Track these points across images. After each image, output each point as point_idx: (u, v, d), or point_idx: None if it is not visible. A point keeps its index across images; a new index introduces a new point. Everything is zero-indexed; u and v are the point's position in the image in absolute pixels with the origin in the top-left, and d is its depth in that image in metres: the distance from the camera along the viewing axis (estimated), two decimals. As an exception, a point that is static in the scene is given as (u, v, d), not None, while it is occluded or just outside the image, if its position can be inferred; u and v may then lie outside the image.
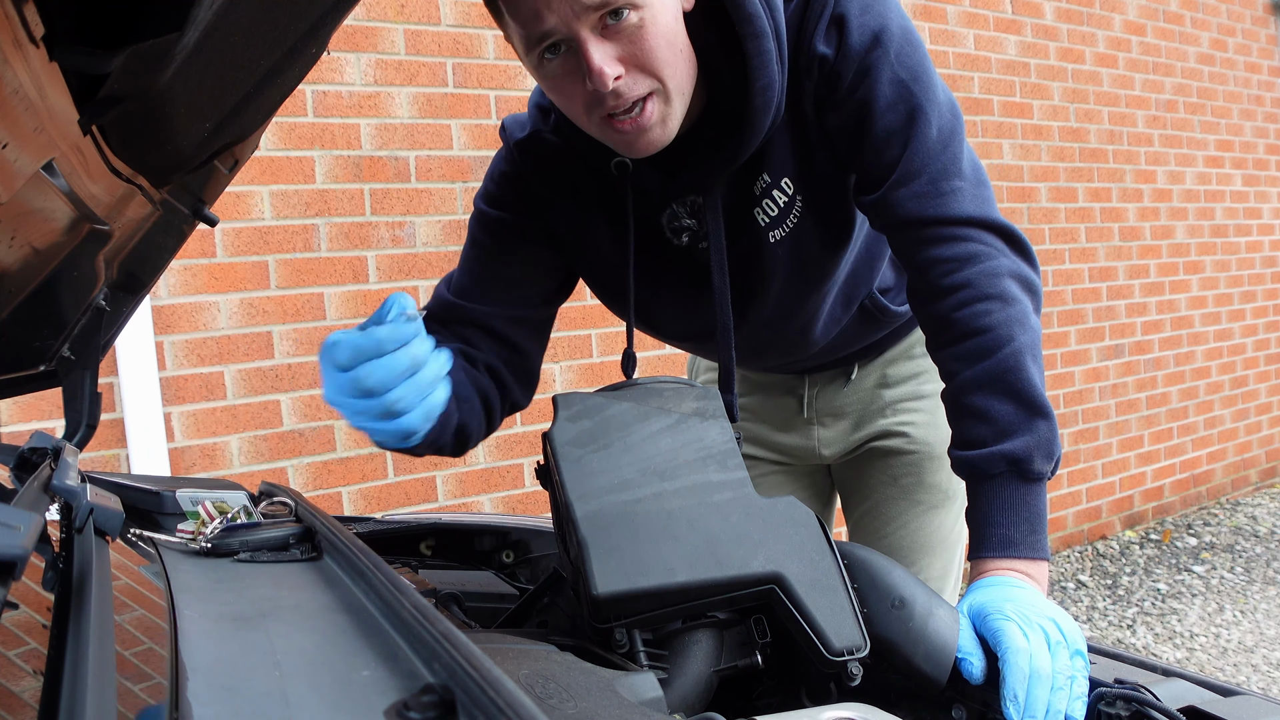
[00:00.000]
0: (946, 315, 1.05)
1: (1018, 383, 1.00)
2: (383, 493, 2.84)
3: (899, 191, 1.06)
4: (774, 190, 1.13)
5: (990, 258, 1.04)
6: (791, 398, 1.50)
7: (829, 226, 1.18)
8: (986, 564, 0.99)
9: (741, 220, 1.15)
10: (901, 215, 1.07)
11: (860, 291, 1.31)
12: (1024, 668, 0.81)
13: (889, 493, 1.47)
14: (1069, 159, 4.46)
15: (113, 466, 2.47)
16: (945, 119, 1.06)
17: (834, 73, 1.05)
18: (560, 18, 0.91)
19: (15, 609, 0.63)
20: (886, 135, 1.06)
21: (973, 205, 1.05)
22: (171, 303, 2.53)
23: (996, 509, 1.00)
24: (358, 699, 0.51)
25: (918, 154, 1.05)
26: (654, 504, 0.86)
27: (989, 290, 1.03)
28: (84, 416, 1.11)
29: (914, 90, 1.05)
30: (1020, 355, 1.01)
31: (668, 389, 0.98)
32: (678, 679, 0.82)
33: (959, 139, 1.07)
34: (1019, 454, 0.99)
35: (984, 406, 1.01)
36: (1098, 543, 4.57)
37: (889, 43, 1.04)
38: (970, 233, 1.05)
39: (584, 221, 1.19)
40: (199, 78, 0.70)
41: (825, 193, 1.14)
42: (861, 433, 1.47)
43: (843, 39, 1.04)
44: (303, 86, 2.68)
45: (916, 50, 1.07)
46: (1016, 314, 1.02)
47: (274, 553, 0.87)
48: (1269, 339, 5.50)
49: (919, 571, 1.45)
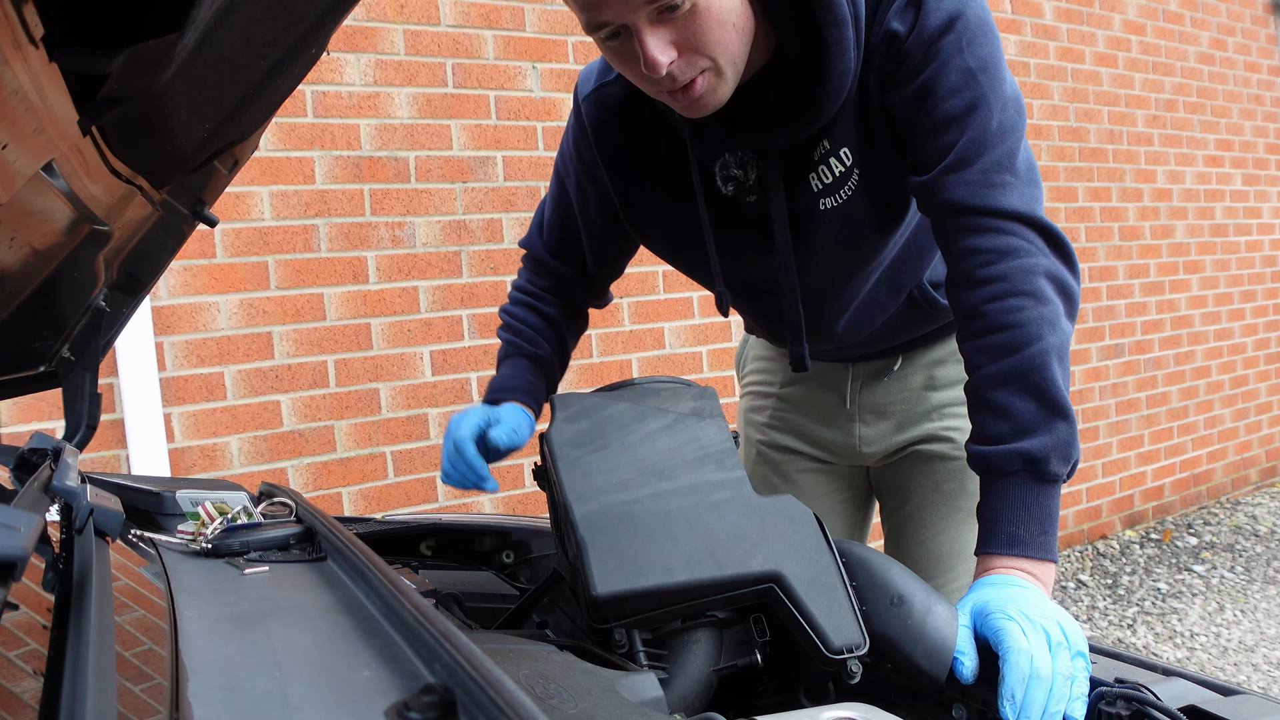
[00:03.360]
0: (977, 306, 1.04)
1: (1041, 382, 1.00)
2: (383, 493, 2.84)
3: (950, 176, 1.06)
4: (831, 158, 1.14)
5: (1029, 254, 1.03)
6: (834, 390, 1.49)
7: (883, 205, 1.18)
8: (992, 561, 0.99)
9: (794, 183, 1.17)
10: (949, 200, 1.06)
11: (909, 280, 1.31)
12: (1024, 668, 0.81)
13: (930, 499, 1.45)
14: (1069, 158, 4.46)
15: (113, 467, 2.47)
16: (1008, 114, 1.06)
17: (904, 52, 1.06)
18: (617, 11, 0.97)
19: (15, 610, 0.63)
20: (946, 119, 1.06)
21: (1020, 201, 1.05)
22: (171, 303, 2.53)
23: (1008, 506, 0.99)
24: (358, 699, 0.51)
25: (975, 142, 1.05)
26: (652, 504, 0.86)
27: (1023, 287, 1.02)
28: (84, 417, 1.11)
29: (980, 80, 1.05)
30: (1046, 355, 1.00)
31: (665, 389, 0.98)
32: (677, 679, 0.82)
33: (1018, 136, 1.07)
34: (1036, 453, 0.98)
35: (1005, 403, 1.01)
36: (1098, 542, 4.57)
37: (963, 29, 1.05)
38: (1013, 227, 1.04)
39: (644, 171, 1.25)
40: (199, 78, 0.70)
41: (883, 170, 1.15)
42: (905, 435, 1.45)
43: (918, 18, 1.05)
44: (303, 86, 2.68)
45: (990, 41, 1.07)
46: (1048, 314, 1.02)
47: (275, 553, 0.87)
48: (1269, 338, 5.50)
49: (954, 579, 1.43)
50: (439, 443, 2.92)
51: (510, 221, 3.03)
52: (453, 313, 2.94)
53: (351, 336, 2.78)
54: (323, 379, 2.74)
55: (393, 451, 2.85)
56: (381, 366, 2.83)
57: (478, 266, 2.98)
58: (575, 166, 1.32)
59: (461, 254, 2.96)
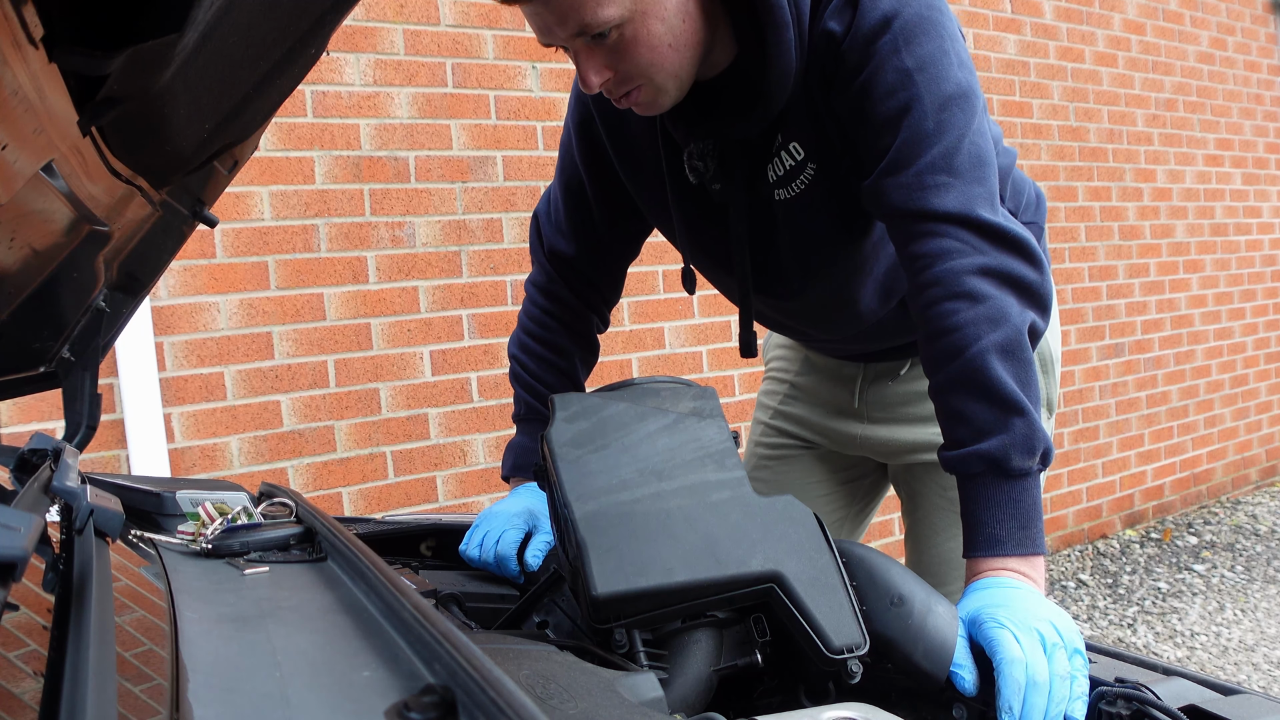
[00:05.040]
0: (919, 314, 1.05)
1: (986, 382, 0.99)
2: (383, 493, 2.84)
3: (887, 180, 1.06)
4: (783, 151, 1.17)
5: (961, 254, 1.02)
6: (844, 386, 1.51)
7: (843, 201, 1.17)
8: (978, 564, 0.99)
9: (753, 174, 1.20)
10: (887, 205, 1.07)
11: (900, 287, 1.31)
12: (1019, 679, 0.81)
13: (938, 504, 1.47)
14: (1069, 158, 4.46)
15: (113, 467, 2.47)
16: (948, 111, 1.04)
17: (840, 52, 1.06)
18: (555, 36, 1.04)
19: (15, 610, 0.63)
20: (882, 122, 1.05)
21: (955, 201, 1.03)
22: (171, 303, 2.53)
23: (981, 508, 1.00)
24: (358, 699, 0.51)
25: (908, 144, 1.04)
26: (652, 504, 0.86)
27: (955, 288, 1.01)
28: (84, 418, 1.11)
29: (917, 80, 1.03)
30: (985, 355, 0.99)
31: (664, 389, 0.98)
32: (678, 679, 0.82)
33: (958, 133, 1.04)
34: (995, 453, 0.98)
35: (959, 408, 1.01)
36: (1098, 542, 4.57)
37: (899, 29, 1.03)
38: (945, 229, 1.03)
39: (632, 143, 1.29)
40: (199, 78, 0.70)
41: (840, 167, 1.15)
42: (911, 438, 1.47)
43: (854, 18, 1.04)
44: (302, 86, 2.68)
45: (932, 38, 1.04)
46: (987, 311, 1.00)
47: (275, 553, 0.87)
48: (1269, 337, 5.50)
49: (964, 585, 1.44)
50: (439, 442, 2.92)
51: (510, 221, 3.03)
52: (453, 313, 2.94)
53: (351, 336, 2.78)
54: (323, 379, 2.74)
55: (393, 451, 2.85)
56: (381, 366, 2.83)
57: (478, 266, 2.98)
58: (575, 122, 1.34)
59: (461, 254, 2.96)
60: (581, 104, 1.32)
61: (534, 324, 1.44)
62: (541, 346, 1.42)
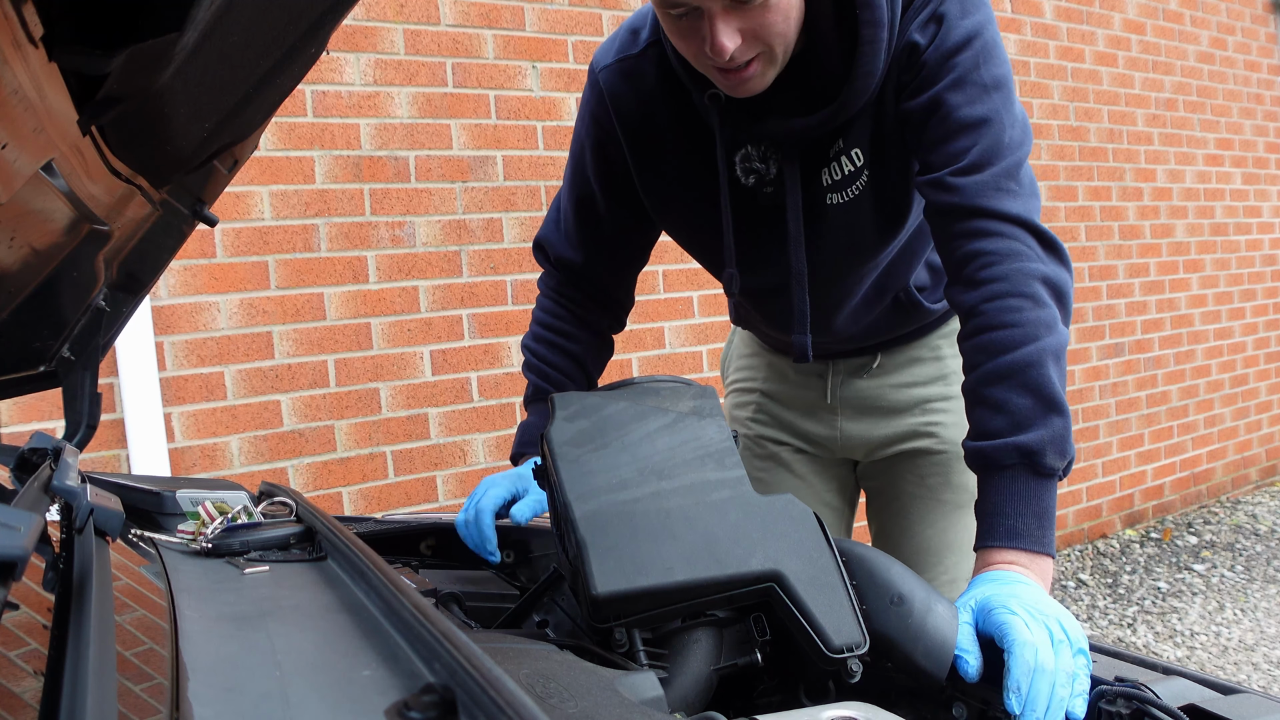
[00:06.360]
0: (977, 306, 1.08)
1: (1038, 378, 1.02)
2: (383, 493, 2.84)
3: (960, 178, 1.10)
4: (843, 156, 1.20)
5: (1028, 259, 1.07)
6: (816, 385, 1.52)
7: (886, 208, 1.23)
8: (992, 555, 1.00)
9: (808, 176, 1.21)
10: (956, 200, 1.10)
11: (894, 284, 1.36)
12: (1029, 660, 0.82)
13: (916, 493, 1.48)
14: (1069, 158, 4.46)
15: (113, 467, 2.47)
16: (1017, 130, 1.13)
17: (921, 62, 1.11)
18: None
19: (16, 609, 0.63)
20: (961, 126, 1.10)
21: (1022, 208, 1.09)
22: (171, 303, 2.53)
23: (1006, 500, 1.01)
24: (358, 699, 0.51)
25: (988, 150, 1.10)
26: (652, 503, 0.86)
27: (1022, 289, 1.05)
28: (84, 417, 1.11)
29: (995, 96, 1.11)
30: (1043, 353, 1.03)
31: (665, 388, 0.98)
32: (678, 678, 0.82)
33: (1025, 152, 1.13)
34: (1033, 446, 1.00)
35: (1002, 399, 1.03)
36: (1098, 541, 4.57)
37: (979, 48, 1.11)
38: (1014, 231, 1.08)
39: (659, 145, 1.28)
40: (199, 78, 0.70)
41: (890, 175, 1.20)
42: (888, 431, 1.48)
43: (939, 33, 1.11)
44: (302, 86, 2.68)
45: (1003, 64, 1.13)
46: (1045, 317, 1.05)
47: (275, 553, 0.87)
48: (1269, 337, 5.50)
49: (943, 571, 1.46)
50: (439, 442, 2.92)
51: (510, 221, 3.03)
52: (453, 312, 2.94)
53: (351, 336, 2.78)
54: (323, 379, 2.74)
55: (393, 451, 2.85)
56: (381, 366, 2.83)
57: (478, 266, 2.98)
58: (591, 141, 1.33)
59: (461, 254, 2.96)
60: (599, 125, 1.31)
61: (545, 314, 1.44)
62: (551, 333, 1.42)
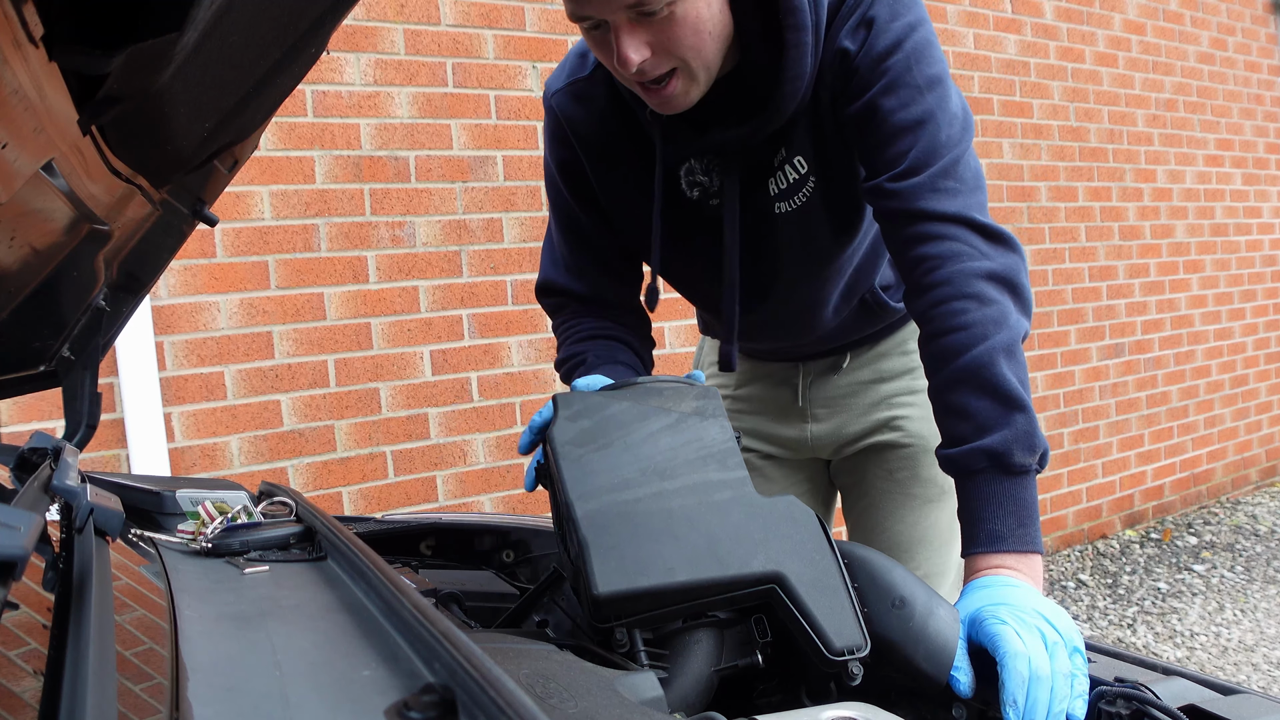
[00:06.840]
0: (925, 312, 1.09)
1: (992, 379, 1.02)
2: (383, 493, 2.84)
3: (898, 183, 1.11)
4: (787, 165, 1.20)
5: (969, 258, 1.07)
6: (786, 387, 1.54)
7: (839, 212, 1.24)
8: (978, 561, 1.00)
9: (754, 187, 1.22)
10: (896, 205, 1.11)
11: (862, 286, 1.38)
12: (1022, 672, 0.81)
13: (885, 487, 1.49)
14: (1069, 158, 4.46)
15: (113, 467, 2.47)
16: (954, 128, 1.12)
17: (853, 68, 1.12)
18: (598, 8, 1.03)
19: (15, 609, 0.63)
20: (897, 130, 1.11)
21: (960, 205, 1.09)
22: (171, 303, 2.53)
23: (982, 504, 1.01)
24: (358, 699, 0.51)
25: (925, 152, 1.10)
26: (654, 503, 0.86)
27: (964, 290, 1.06)
28: (84, 417, 1.11)
29: (928, 97, 1.11)
30: (993, 353, 1.03)
31: (667, 388, 0.98)
32: (678, 678, 0.82)
33: (963, 147, 1.12)
34: (998, 448, 1.01)
35: (962, 403, 1.04)
36: (1098, 542, 4.57)
37: (910, 49, 1.10)
38: (954, 230, 1.08)
39: (615, 162, 1.28)
40: (199, 78, 0.70)
41: (837, 179, 1.21)
42: (857, 428, 1.50)
43: (868, 38, 1.11)
44: (302, 86, 2.68)
45: (936, 62, 1.13)
46: (993, 314, 1.05)
47: (275, 553, 0.87)
48: (1269, 338, 5.50)
49: (916, 566, 1.46)
50: (439, 442, 2.92)
51: (510, 221, 3.03)
52: (453, 312, 2.94)
53: (351, 336, 2.78)
54: (323, 379, 2.74)
55: (393, 451, 2.85)
56: (381, 366, 2.83)
57: (478, 266, 2.98)
58: (557, 163, 1.32)
59: (461, 254, 2.96)
60: (563, 146, 1.30)
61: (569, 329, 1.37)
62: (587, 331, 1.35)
